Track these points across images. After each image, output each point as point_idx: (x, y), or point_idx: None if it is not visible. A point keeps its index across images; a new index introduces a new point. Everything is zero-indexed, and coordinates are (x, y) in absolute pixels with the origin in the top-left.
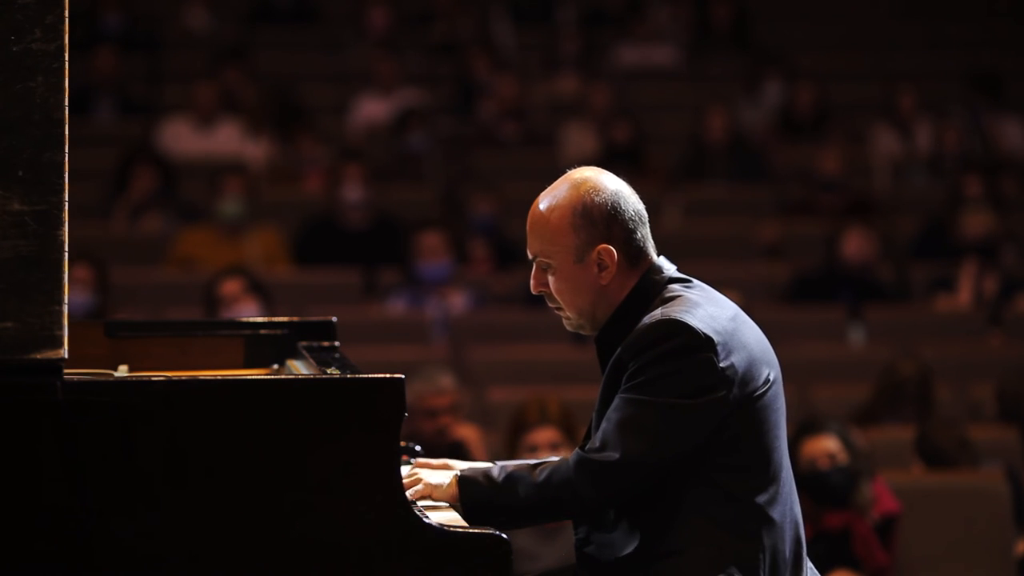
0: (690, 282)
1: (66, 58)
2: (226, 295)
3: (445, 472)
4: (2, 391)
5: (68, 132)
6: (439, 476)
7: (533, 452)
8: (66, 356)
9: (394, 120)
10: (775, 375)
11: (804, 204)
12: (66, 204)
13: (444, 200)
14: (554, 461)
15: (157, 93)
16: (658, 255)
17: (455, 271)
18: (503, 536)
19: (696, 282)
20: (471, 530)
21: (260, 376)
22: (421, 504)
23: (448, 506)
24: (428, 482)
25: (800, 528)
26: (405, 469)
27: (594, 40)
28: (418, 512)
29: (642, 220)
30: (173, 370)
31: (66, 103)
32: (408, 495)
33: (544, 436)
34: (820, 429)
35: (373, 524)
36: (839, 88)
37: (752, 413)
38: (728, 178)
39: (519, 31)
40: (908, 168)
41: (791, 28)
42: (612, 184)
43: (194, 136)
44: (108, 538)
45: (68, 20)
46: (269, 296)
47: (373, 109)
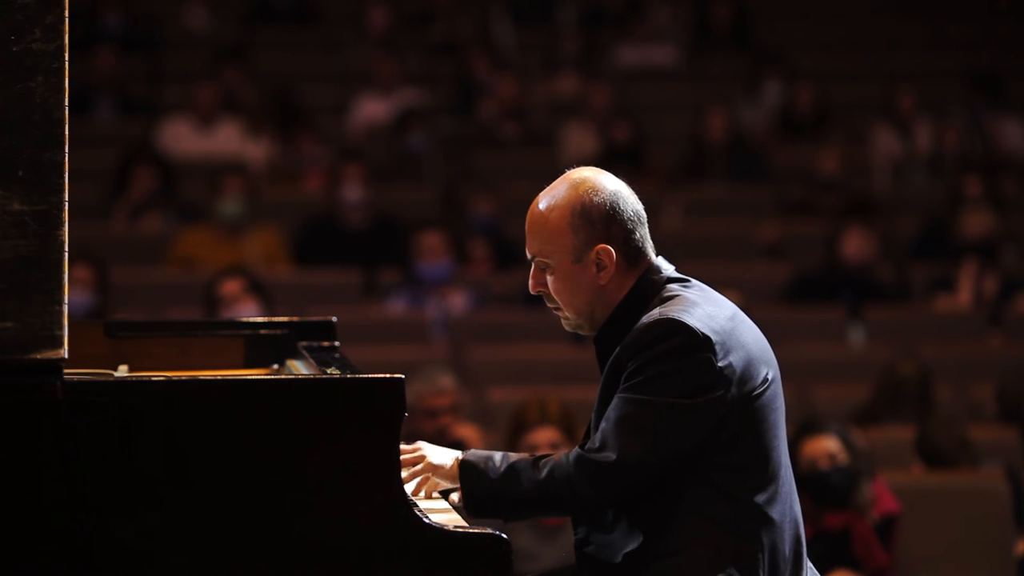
0: (688, 282)
1: (66, 58)
2: (226, 295)
3: (449, 452)
4: (2, 391)
5: (68, 132)
6: (442, 456)
7: (533, 452)
8: (66, 356)
9: (394, 120)
10: (774, 375)
11: (804, 204)
12: (66, 204)
13: (444, 200)
14: (556, 456)
15: (157, 93)
16: (657, 255)
17: (455, 271)
18: (503, 536)
19: (694, 282)
20: (471, 531)
21: (260, 376)
22: (422, 505)
23: (449, 507)
24: (431, 461)
25: (800, 528)
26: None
27: (594, 40)
28: (418, 512)
29: (641, 220)
30: (173, 370)
31: (66, 103)
32: (411, 471)
33: (544, 436)
34: (820, 429)
35: (373, 524)
36: (839, 88)
37: (751, 413)
38: (728, 178)
39: (519, 31)
40: (908, 168)
41: (791, 28)
42: (611, 184)
43: (194, 136)
44: (108, 538)
45: (68, 20)
46: (269, 296)
47: (373, 109)
